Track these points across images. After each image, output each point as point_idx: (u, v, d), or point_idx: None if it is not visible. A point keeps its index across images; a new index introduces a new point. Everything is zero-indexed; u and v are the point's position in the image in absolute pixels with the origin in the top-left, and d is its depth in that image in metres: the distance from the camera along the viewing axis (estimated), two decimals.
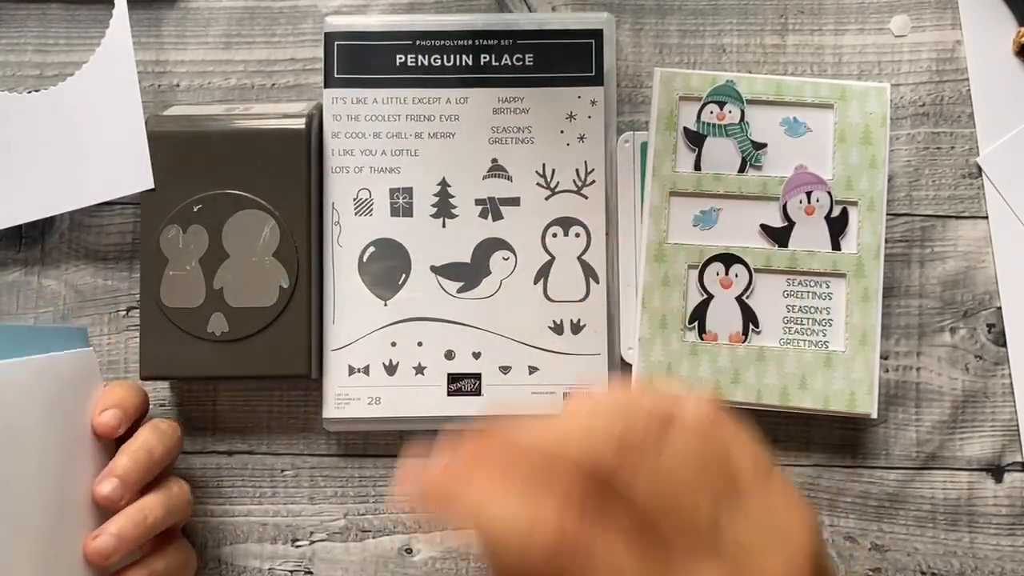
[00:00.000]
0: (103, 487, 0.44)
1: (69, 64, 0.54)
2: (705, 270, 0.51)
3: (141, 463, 0.45)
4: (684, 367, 0.51)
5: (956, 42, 0.55)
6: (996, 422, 0.53)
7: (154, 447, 0.46)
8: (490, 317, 0.52)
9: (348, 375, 0.51)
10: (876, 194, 0.51)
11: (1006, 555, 0.52)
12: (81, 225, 0.54)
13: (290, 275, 0.50)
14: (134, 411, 0.47)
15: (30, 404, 0.42)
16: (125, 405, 0.47)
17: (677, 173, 0.52)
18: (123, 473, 0.44)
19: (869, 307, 0.51)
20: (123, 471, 0.45)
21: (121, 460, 0.45)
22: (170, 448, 0.47)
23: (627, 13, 0.55)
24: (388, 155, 0.52)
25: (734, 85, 0.52)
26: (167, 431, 0.47)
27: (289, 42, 0.55)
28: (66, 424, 0.45)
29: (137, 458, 0.45)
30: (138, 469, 0.45)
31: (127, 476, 0.45)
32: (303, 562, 0.52)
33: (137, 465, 0.45)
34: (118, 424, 0.46)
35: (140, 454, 0.45)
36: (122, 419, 0.46)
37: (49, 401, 0.44)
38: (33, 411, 0.43)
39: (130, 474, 0.45)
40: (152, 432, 0.47)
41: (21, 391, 0.42)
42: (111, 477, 0.44)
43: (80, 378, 0.46)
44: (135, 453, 0.45)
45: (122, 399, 0.47)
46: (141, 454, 0.45)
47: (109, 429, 0.46)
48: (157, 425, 0.48)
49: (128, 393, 0.47)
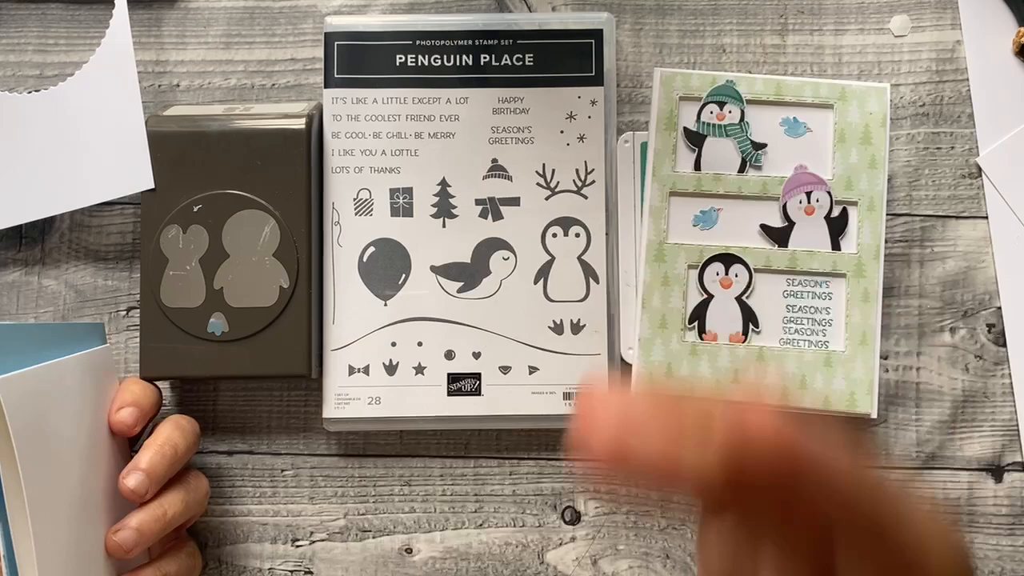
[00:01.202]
0: (129, 480, 0.44)
1: (69, 64, 0.54)
2: (705, 270, 0.51)
3: (167, 458, 0.46)
4: (684, 367, 0.51)
5: (956, 42, 0.55)
6: (996, 422, 0.53)
7: (178, 443, 0.46)
8: (490, 317, 0.52)
9: (348, 375, 0.51)
10: (876, 194, 0.51)
11: (1006, 555, 0.52)
12: (81, 225, 0.54)
13: (290, 275, 0.50)
14: (149, 408, 0.48)
15: (60, 405, 0.43)
16: (141, 403, 0.47)
17: (677, 173, 0.52)
18: (149, 467, 0.45)
19: (869, 307, 0.51)
20: (149, 465, 0.45)
21: (147, 454, 0.45)
22: (191, 444, 0.48)
23: (627, 13, 0.55)
24: (388, 155, 0.52)
25: (734, 85, 0.52)
26: (188, 427, 0.48)
27: (289, 42, 0.55)
28: (89, 420, 0.45)
29: (163, 452, 0.46)
30: (164, 463, 0.45)
31: (153, 470, 0.45)
32: (303, 562, 0.52)
33: (163, 460, 0.45)
34: (135, 423, 0.46)
35: (165, 448, 0.46)
36: (138, 417, 0.47)
37: (75, 400, 0.44)
38: (62, 411, 0.43)
39: (156, 468, 0.45)
40: (175, 427, 0.47)
41: (52, 394, 0.42)
42: (137, 471, 0.44)
43: (101, 375, 0.47)
44: (160, 448, 0.46)
45: (138, 397, 0.47)
46: (167, 448, 0.46)
47: (126, 427, 0.46)
48: (178, 421, 0.48)
49: (144, 391, 0.48)
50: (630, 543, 0.52)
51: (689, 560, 0.52)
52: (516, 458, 0.53)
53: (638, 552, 0.52)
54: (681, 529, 0.52)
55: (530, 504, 0.53)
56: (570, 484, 0.53)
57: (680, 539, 0.52)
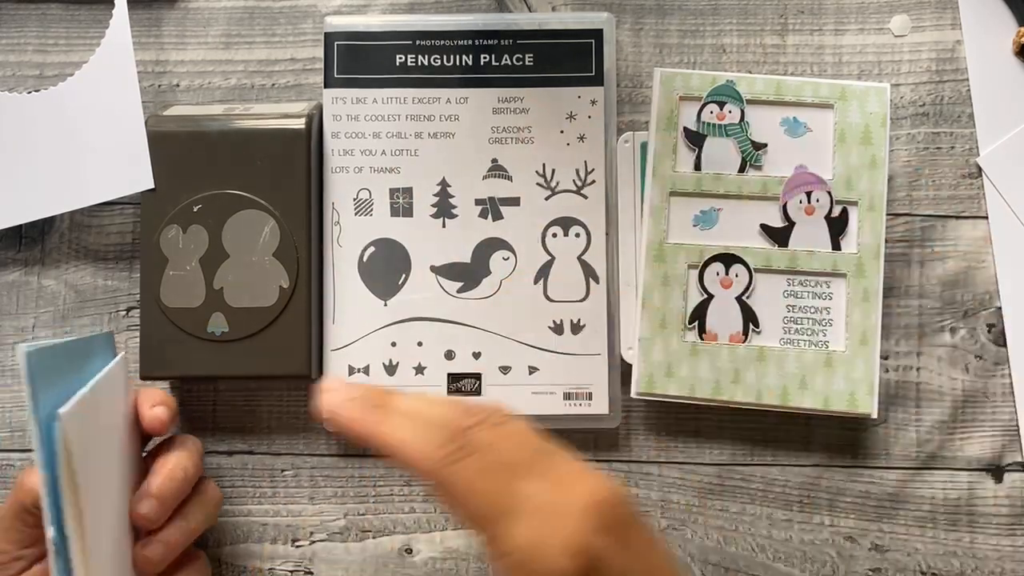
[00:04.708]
0: (142, 507, 0.44)
1: (69, 64, 0.54)
2: (705, 270, 0.51)
3: (177, 481, 0.45)
4: (684, 367, 0.51)
5: (956, 42, 0.55)
6: (996, 422, 0.53)
7: (188, 466, 0.46)
8: (490, 317, 0.52)
9: (348, 375, 0.51)
10: (876, 194, 0.51)
11: (1006, 555, 0.52)
12: (81, 225, 0.54)
13: (290, 275, 0.50)
14: (176, 411, 0.48)
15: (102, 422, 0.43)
16: (169, 403, 0.47)
17: (677, 173, 0.52)
18: (159, 493, 0.45)
19: (869, 307, 0.51)
20: (159, 491, 0.45)
21: (157, 480, 0.45)
22: (198, 465, 0.48)
23: (627, 13, 0.55)
24: (388, 155, 0.52)
25: (734, 85, 0.52)
26: (194, 449, 0.48)
27: (289, 42, 0.55)
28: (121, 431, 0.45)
29: (173, 477, 0.45)
30: (174, 488, 0.45)
31: (164, 496, 0.45)
32: (303, 562, 0.52)
33: (173, 483, 0.45)
34: (169, 419, 0.47)
35: (176, 472, 0.46)
36: (171, 416, 0.47)
37: (112, 415, 0.44)
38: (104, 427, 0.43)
39: (166, 494, 0.45)
40: (183, 450, 0.47)
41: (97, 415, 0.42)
42: (149, 497, 0.44)
43: (123, 387, 0.46)
44: (171, 472, 0.46)
45: (165, 398, 0.47)
46: (177, 472, 0.46)
47: (161, 424, 0.46)
48: (185, 442, 0.48)
49: (168, 396, 0.48)
50: None
51: (689, 560, 0.52)
52: None
53: None
54: (681, 529, 0.52)
55: None
56: None
57: (680, 539, 0.52)
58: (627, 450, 0.53)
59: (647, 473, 0.53)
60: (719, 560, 0.52)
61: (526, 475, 0.35)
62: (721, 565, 0.52)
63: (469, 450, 0.35)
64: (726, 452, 0.53)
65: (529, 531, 0.33)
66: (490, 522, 0.34)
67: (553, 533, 0.33)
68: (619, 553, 0.33)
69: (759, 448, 0.53)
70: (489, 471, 0.35)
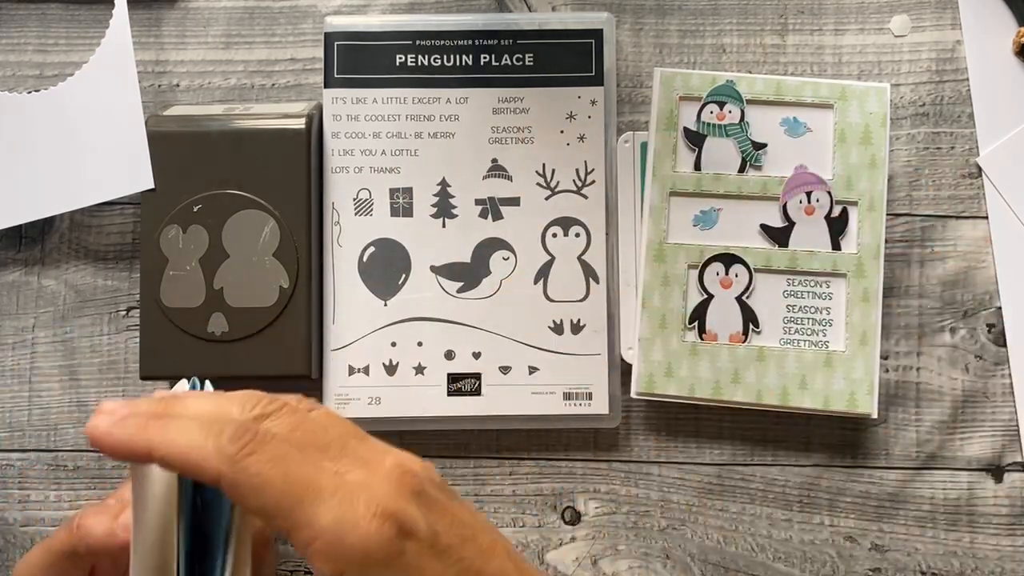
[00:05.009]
0: None
1: (69, 64, 0.54)
2: (705, 270, 0.51)
3: None
4: (684, 367, 0.51)
5: (956, 42, 0.55)
6: (996, 422, 0.53)
7: None
8: (490, 317, 0.52)
9: (348, 375, 0.51)
10: (876, 194, 0.51)
11: (1006, 555, 0.52)
12: (81, 225, 0.54)
13: (290, 275, 0.50)
14: None
15: None
16: None
17: (677, 173, 0.52)
18: None
19: (869, 307, 0.51)
20: None
21: None
22: None
23: (627, 13, 0.55)
24: (388, 155, 0.52)
25: (734, 85, 0.52)
26: None
27: (289, 42, 0.55)
28: None
29: None
30: None
31: None
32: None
33: None
34: None
35: None
36: None
37: None
38: None
39: None
40: None
41: None
42: None
43: None
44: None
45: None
46: None
47: None
48: None
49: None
50: (630, 543, 0.52)
51: (689, 560, 0.52)
52: (516, 458, 0.53)
53: (638, 552, 0.52)
54: (681, 529, 0.52)
55: (530, 504, 0.53)
56: (570, 484, 0.53)
57: (680, 539, 0.52)
58: (627, 450, 0.53)
59: (647, 473, 0.53)
60: (719, 560, 0.52)
61: (328, 458, 0.33)
62: (721, 565, 0.52)
63: (262, 440, 0.33)
64: (726, 452, 0.53)
65: (335, 508, 0.32)
66: (291, 511, 0.32)
67: (359, 504, 0.32)
68: (428, 515, 0.33)
69: (759, 448, 0.53)
70: (285, 459, 0.33)
